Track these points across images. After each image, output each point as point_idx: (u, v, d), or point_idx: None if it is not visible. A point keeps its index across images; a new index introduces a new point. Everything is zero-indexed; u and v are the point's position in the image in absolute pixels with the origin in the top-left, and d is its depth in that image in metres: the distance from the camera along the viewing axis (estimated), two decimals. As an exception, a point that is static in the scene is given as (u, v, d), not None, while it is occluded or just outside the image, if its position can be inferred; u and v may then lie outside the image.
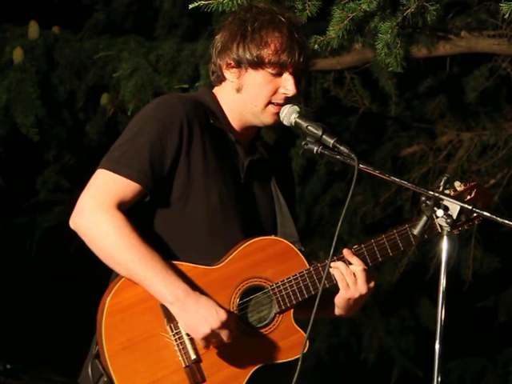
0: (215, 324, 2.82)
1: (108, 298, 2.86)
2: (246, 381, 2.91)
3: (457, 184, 3.13)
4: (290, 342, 2.97)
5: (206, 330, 2.82)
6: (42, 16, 6.25)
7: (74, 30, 6.43)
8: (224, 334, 2.84)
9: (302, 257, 3.05)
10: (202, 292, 2.88)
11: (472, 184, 3.14)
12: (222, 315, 2.83)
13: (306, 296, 3.00)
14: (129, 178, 2.88)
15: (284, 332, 2.98)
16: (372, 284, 3.06)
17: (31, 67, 5.93)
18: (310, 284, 3.00)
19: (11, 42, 6.06)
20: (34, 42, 6.07)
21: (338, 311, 3.13)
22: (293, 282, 2.99)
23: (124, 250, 2.83)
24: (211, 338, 2.84)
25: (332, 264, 3.03)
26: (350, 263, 3.04)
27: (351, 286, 3.03)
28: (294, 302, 2.99)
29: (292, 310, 2.99)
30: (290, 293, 2.98)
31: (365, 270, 3.03)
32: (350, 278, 3.02)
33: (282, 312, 2.98)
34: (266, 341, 2.96)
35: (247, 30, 2.97)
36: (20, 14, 6.25)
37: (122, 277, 2.88)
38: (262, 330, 2.96)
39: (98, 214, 2.84)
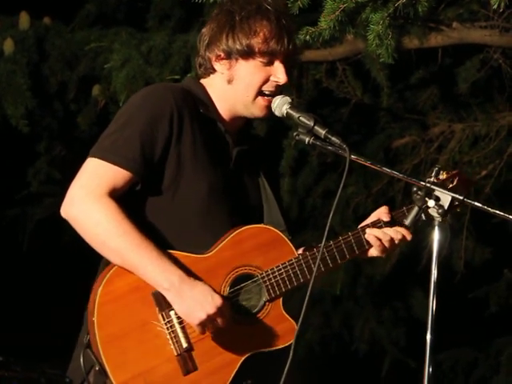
0: (211, 309, 2.83)
1: (100, 288, 2.86)
2: (236, 368, 2.93)
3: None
4: (280, 329, 2.99)
5: (202, 316, 2.83)
6: (32, 6, 6.22)
7: (65, 21, 6.40)
8: (219, 320, 2.86)
9: (291, 245, 3.06)
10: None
11: (454, 172, 3.15)
12: (218, 300, 2.84)
13: (295, 284, 3.01)
14: (120, 166, 2.87)
15: (274, 320, 2.99)
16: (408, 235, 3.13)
17: (22, 58, 5.90)
18: (298, 272, 3.02)
19: (1, 32, 6.02)
20: (24, 32, 6.04)
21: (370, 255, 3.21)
22: (282, 270, 3.01)
23: (117, 238, 2.82)
24: (207, 324, 2.85)
25: (368, 231, 3.11)
26: (387, 224, 3.11)
27: (388, 246, 3.12)
28: (284, 289, 3.00)
29: (281, 298, 3.01)
30: (280, 281, 3.00)
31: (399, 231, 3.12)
32: (386, 242, 3.12)
33: (271, 300, 2.99)
34: (256, 329, 2.97)
35: (235, 20, 2.98)
36: (10, 5, 6.21)
37: (113, 266, 2.88)
38: (252, 318, 2.97)
39: (89, 202, 2.83)
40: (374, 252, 3.16)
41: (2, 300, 7.24)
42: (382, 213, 3.17)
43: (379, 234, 3.12)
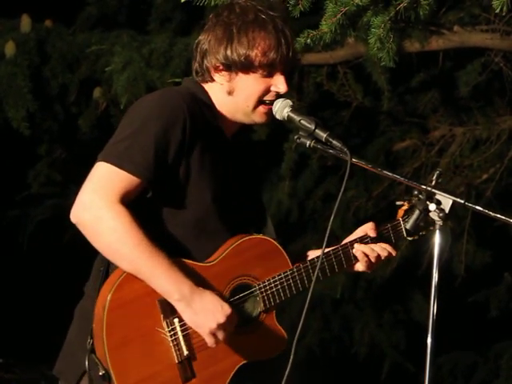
0: (221, 319, 2.83)
1: (110, 294, 2.83)
2: (230, 377, 2.94)
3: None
4: (272, 340, 3.02)
5: (213, 326, 2.83)
6: (34, 9, 6.23)
7: (66, 24, 6.41)
8: (228, 328, 2.86)
9: (287, 256, 3.07)
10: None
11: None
12: (227, 310, 2.84)
13: (289, 295, 3.03)
14: (133, 174, 2.83)
15: (267, 330, 3.01)
16: (393, 251, 3.18)
17: (23, 61, 5.90)
18: (292, 284, 3.04)
19: (3, 35, 6.04)
20: (26, 35, 6.05)
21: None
22: (278, 282, 3.02)
23: (131, 247, 2.79)
24: (217, 333, 2.85)
25: (356, 246, 3.13)
26: (373, 240, 3.13)
27: (374, 262, 3.15)
28: (278, 301, 3.02)
29: (275, 310, 3.03)
30: (275, 292, 3.01)
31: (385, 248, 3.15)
32: (373, 258, 3.14)
33: (266, 311, 3.01)
34: (251, 339, 2.99)
35: (233, 32, 2.95)
36: (12, 8, 6.22)
37: (123, 272, 2.85)
38: (247, 328, 2.99)
39: (104, 208, 2.78)
40: (359, 267, 3.18)
41: (1, 301, 7.24)
42: (368, 228, 3.19)
43: (367, 250, 3.15)
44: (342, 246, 3.16)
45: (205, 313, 2.82)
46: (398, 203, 3.20)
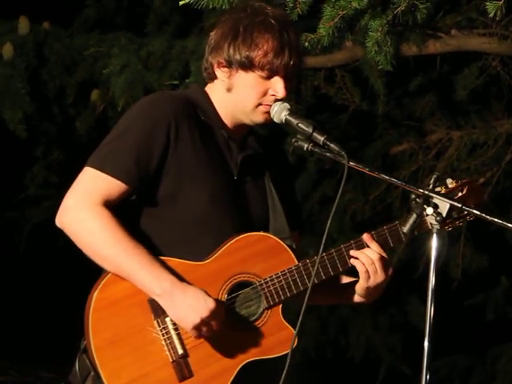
0: (204, 313, 2.83)
1: (95, 293, 2.87)
2: (233, 376, 2.92)
3: (448, 181, 3.12)
4: (279, 337, 2.98)
5: (196, 320, 2.83)
6: (32, 11, 6.23)
7: (64, 26, 6.42)
8: (214, 323, 2.85)
9: (291, 253, 3.04)
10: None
11: (464, 181, 3.14)
12: (211, 304, 2.84)
13: (295, 291, 3.00)
14: (114, 177, 2.89)
15: (272, 328, 2.98)
16: (390, 270, 3.08)
17: (21, 63, 5.91)
18: (298, 280, 3.00)
19: (1, 37, 6.04)
20: (23, 37, 6.05)
21: (357, 298, 3.15)
22: (281, 278, 2.99)
23: (110, 246, 2.84)
24: (201, 328, 2.85)
25: (352, 253, 3.03)
26: (369, 248, 3.03)
27: (372, 276, 3.04)
28: (283, 297, 2.99)
29: (281, 306, 3.00)
30: (279, 288, 2.98)
31: (383, 257, 3.04)
32: (370, 267, 3.03)
33: (270, 307, 2.98)
34: (255, 336, 2.96)
35: (239, 30, 2.97)
36: (10, 9, 6.23)
37: (108, 272, 2.89)
38: (251, 325, 2.97)
39: (83, 211, 2.86)
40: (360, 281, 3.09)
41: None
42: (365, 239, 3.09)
43: (359, 255, 3.05)
44: (355, 240, 3.06)
45: (187, 307, 2.83)
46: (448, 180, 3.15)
